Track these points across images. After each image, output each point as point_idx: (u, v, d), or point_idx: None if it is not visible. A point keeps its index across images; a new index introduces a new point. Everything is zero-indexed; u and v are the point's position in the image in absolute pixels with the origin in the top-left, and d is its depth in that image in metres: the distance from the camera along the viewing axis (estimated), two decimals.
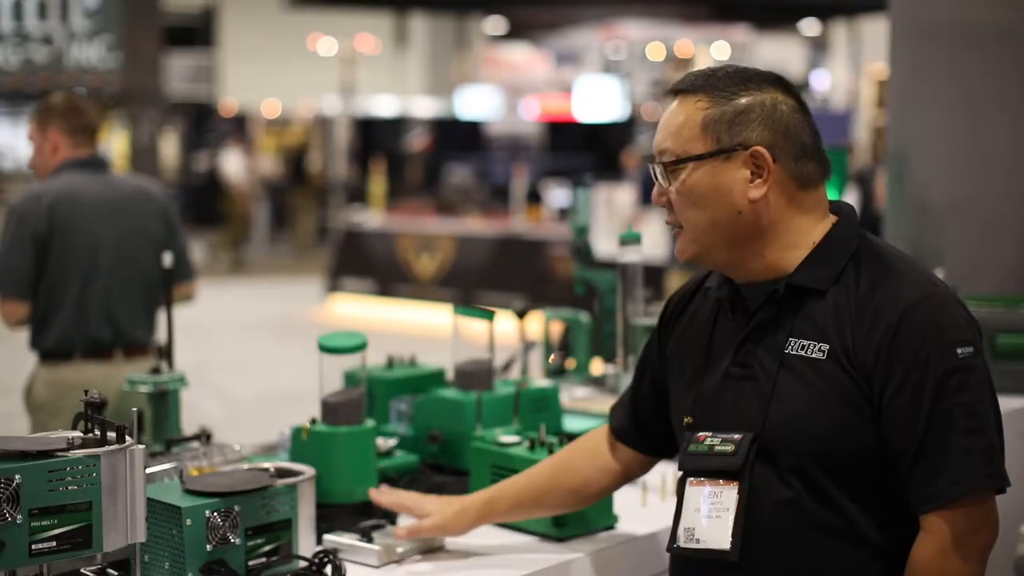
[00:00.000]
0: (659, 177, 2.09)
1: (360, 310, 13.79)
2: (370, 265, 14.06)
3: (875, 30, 19.37)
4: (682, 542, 2.06)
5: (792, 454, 2.00)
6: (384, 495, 2.47)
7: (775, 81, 2.09)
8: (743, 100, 2.04)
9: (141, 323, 4.49)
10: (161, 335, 3.19)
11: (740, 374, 2.07)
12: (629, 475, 2.41)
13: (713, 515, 2.03)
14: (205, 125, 26.03)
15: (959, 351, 1.94)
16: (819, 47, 24.33)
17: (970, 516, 1.94)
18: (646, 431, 2.34)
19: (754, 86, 2.06)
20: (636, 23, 21.07)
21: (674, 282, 8.60)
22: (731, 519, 2.01)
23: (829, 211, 2.11)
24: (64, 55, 17.32)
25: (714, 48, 19.05)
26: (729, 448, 2.03)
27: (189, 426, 2.79)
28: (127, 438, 2.01)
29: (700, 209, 2.05)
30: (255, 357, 11.48)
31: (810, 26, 23.91)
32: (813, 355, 1.99)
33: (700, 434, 2.08)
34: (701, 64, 17.57)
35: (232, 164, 20.34)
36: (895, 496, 1.99)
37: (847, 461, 1.98)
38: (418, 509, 2.41)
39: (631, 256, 2.91)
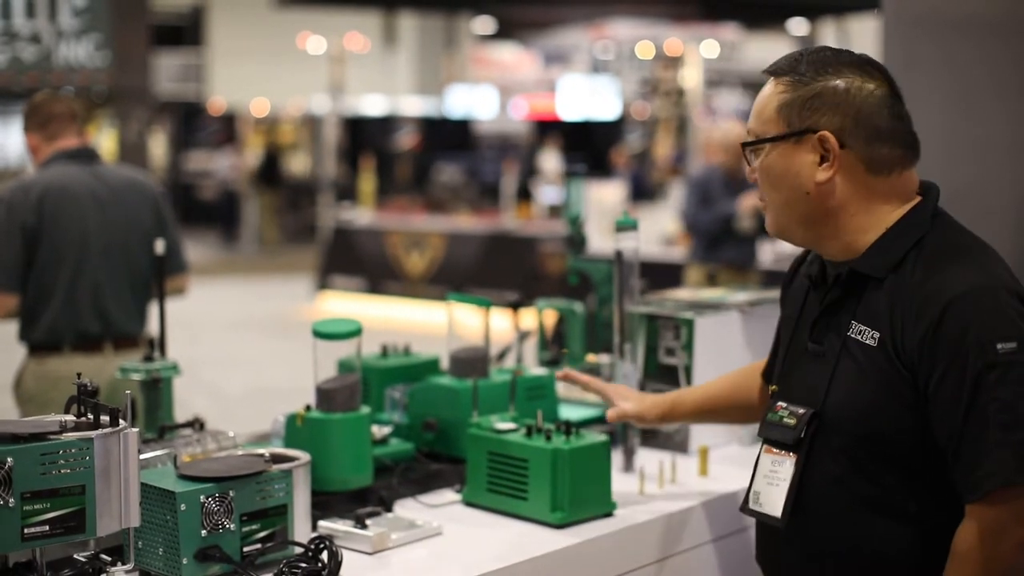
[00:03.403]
0: (746, 156, 2.19)
1: (350, 307, 13.76)
2: (360, 263, 14.03)
3: (863, 28, 19.40)
4: (750, 504, 2.23)
5: (843, 433, 2.10)
6: (573, 374, 2.64)
7: (861, 64, 2.13)
8: (818, 85, 2.09)
9: (131, 315, 4.45)
10: (153, 327, 3.16)
11: (815, 351, 2.18)
12: None
13: (774, 483, 2.17)
14: (194, 124, 25.96)
15: (999, 346, 1.96)
16: (807, 46, 24.33)
17: (1007, 509, 1.97)
18: None
19: (833, 71, 2.10)
20: (625, 22, 21.07)
21: (693, 276, 8.56)
22: (785, 489, 2.14)
23: (917, 193, 2.15)
24: (52, 54, 17.23)
25: (703, 47, 19.03)
26: (792, 421, 2.15)
27: (182, 420, 2.76)
28: (120, 421, 1.99)
29: (776, 189, 2.14)
30: (245, 354, 11.44)
31: (799, 25, 23.91)
32: (867, 341, 2.07)
33: (778, 404, 2.21)
34: (690, 63, 17.59)
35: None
36: (940, 479, 2.04)
37: (889, 444, 2.06)
38: (610, 391, 2.61)
39: (627, 243, 2.88)
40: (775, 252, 9.25)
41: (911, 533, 2.07)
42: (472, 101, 24.76)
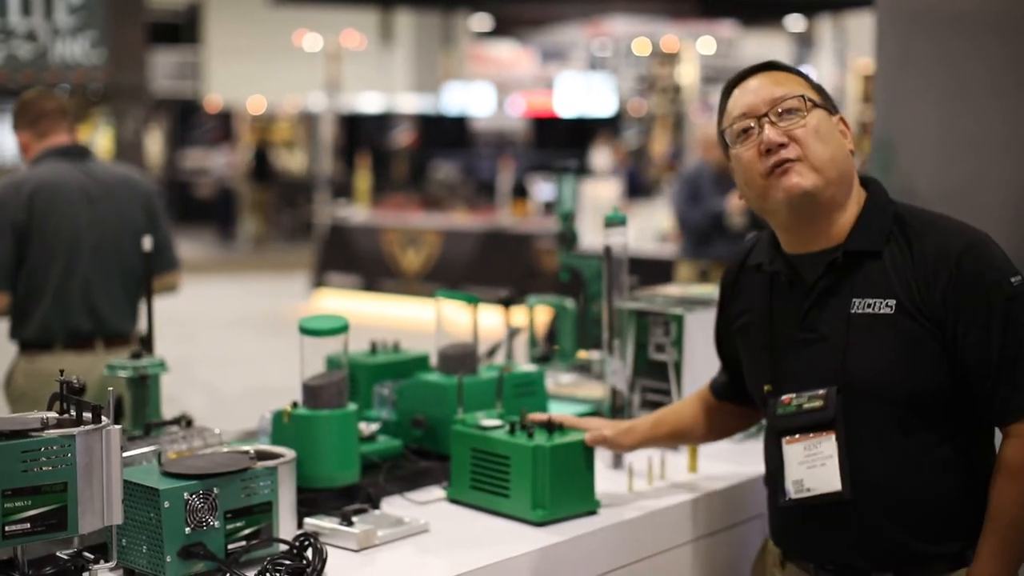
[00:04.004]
0: (782, 117, 2.28)
1: (346, 305, 13.75)
2: (356, 260, 14.01)
3: (860, 25, 19.37)
4: (793, 494, 2.29)
5: (875, 398, 2.22)
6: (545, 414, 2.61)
7: None
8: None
9: (123, 313, 4.43)
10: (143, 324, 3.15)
11: (809, 338, 2.29)
12: (747, 421, 2.71)
13: (818, 464, 2.25)
14: (190, 122, 25.94)
15: (1012, 280, 2.20)
16: (804, 43, 24.31)
17: None
18: (741, 389, 2.57)
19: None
20: (622, 19, 21.05)
21: (683, 273, 8.53)
22: (835, 464, 2.24)
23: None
24: (48, 51, 17.22)
25: (700, 44, 19.03)
26: (818, 404, 2.26)
27: None
28: (103, 418, 1.98)
29: (825, 144, 2.27)
30: (240, 352, 11.42)
31: (796, 22, 23.90)
32: (882, 311, 2.22)
33: (784, 397, 2.30)
34: (687, 60, 17.58)
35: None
36: (969, 426, 2.25)
37: (923, 399, 2.21)
38: (585, 424, 2.60)
39: (616, 239, 2.87)
40: None
41: (954, 479, 2.24)
42: (469, 98, 24.74)
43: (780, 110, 2.29)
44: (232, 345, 11.88)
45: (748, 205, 2.38)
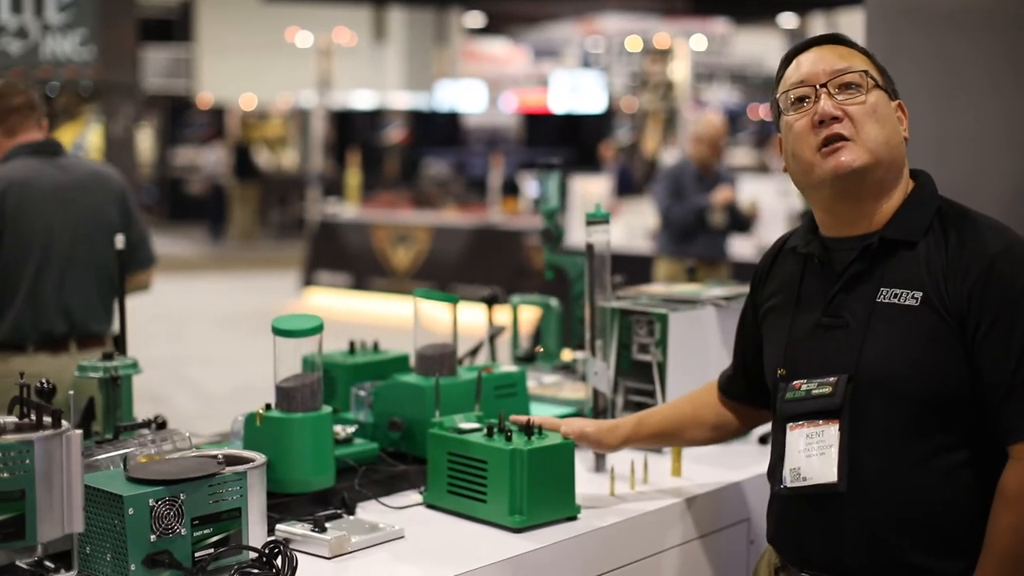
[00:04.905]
0: (841, 91, 2.22)
1: (336, 302, 13.69)
2: (346, 258, 13.96)
3: (853, 22, 19.33)
4: (789, 482, 2.22)
5: (887, 393, 2.14)
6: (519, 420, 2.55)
7: None
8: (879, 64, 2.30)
9: (97, 314, 4.29)
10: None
11: (832, 323, 2.23)
12: (748, 424, 2.63)
13: (816, 453, 2.19)
14: (182, 119, 25.88)
15: None
16: (797, 40, 24.33)
17: None
18: (752, 385, 2.51)
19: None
20: (614, 16, 21.03)
21: (662, 270, 8.45)
22: (835, 454, 2.17)
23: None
24: (39, 48, 17.16)
25: (692, 41, 19.00)
26: (827, 390, 2.19)
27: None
28: (63, 423, 1.92)
29: (882, 125, 2.21)
30: (229, 351, 11.36)
31: (788, 19, 23.89)
32: (906, 302, 2.15)
33: (796, 382, 2.24)
34: (679, 57, 17.53)
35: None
36: (982, 433, 2.13)
37: (941, 398, 2.12)
38: (563, 426, 2.53)
39: (598, 237, 2.81)
40: (756, 246, 9.20)
41: (960, 486, 2.13)
42: (461, 95, 24.70)
43: (840, 83, 2.22)
44: (221, 343, 11.82)
45: (791, 178, 2.31)
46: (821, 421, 2.19)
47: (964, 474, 2.13)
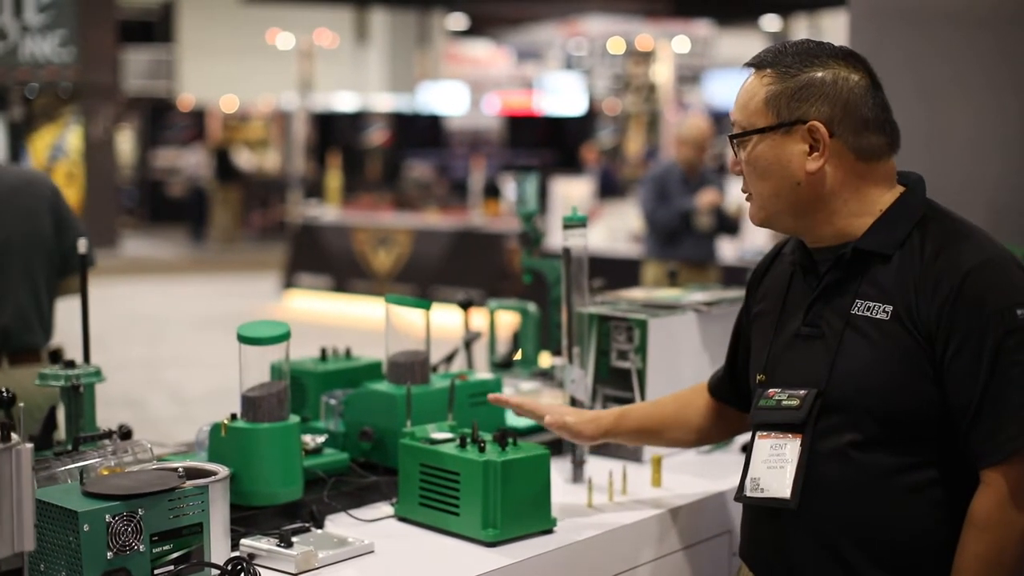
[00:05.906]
0: (733, 148, 2.21)
1: (316, 305, 13.59)
2: (326, 260, 13.87)
3: (836, 25, 19.33)
4: (748, 491, 2.18)
5: (854, 409, 2.09)
6: (503, 398, 2.55)
7: (843, 56, 2.17)
8: (805, 76, 2.13)
9: (30, 327, 3.94)
10: (72, 333, 2.90)
11: (809, 333, 2.18)
12: (732, 429, 2.59)
13: (776, 466, 2.15)
14: (163, 121, 25.73)
15: (1019, 312, 2.01)
16: (784, 40, 24.35)
17: None
18: (739, 388, 2.47)
19: (819, 62, 2.14)
20: (597, 19, 20.98)
21: (650, 273, 8.39)
22: (792, 469, 2.12)
23: (897, 182, 2.20)
24: (18, 49, 17.05)
25: (675, 43, 18.96)
26: (795, 403, 2.14)
27: (137, 422, 2.59)
28: (13, 436, 1.83)
29: (764, 179, 2.17)
30: (208, 353, 11.25)
31: (771, 21, 23.88)
32: (877, 316, 2.09)
33: (770, 390, 2.20)
34: (661, 59, 17.49)
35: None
36: (953, 453, 2.07)
37: (906, 418, 2.06)
38: (544, 411, 2.51)
39: (575, 241, 2.73)
40: (743, 248, 9.14)
41: (925, 507, 2.07)
42: (444, 97, 24.64)
43: (731, 135, 2.21)
44: (200, 346, 11.71)
45: None
46: (787, 434, 2.15)
47: (932, 493, 2.07)
